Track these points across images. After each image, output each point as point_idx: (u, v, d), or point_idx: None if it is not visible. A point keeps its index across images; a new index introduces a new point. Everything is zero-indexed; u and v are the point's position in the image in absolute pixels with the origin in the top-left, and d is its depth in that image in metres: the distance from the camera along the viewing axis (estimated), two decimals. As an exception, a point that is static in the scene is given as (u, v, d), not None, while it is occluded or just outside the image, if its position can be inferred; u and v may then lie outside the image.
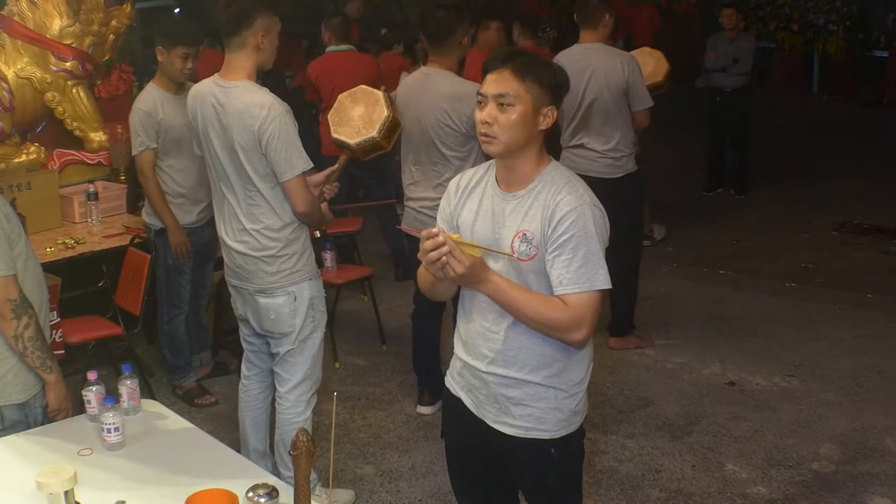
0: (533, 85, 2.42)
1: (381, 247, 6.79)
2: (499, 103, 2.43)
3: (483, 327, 2.59)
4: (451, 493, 4.06)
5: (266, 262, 3.55)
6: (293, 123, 3.44)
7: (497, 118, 2.43)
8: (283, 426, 3.76)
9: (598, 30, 4.96)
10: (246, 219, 3.54)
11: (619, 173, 5.01)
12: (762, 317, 5.93)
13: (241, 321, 3.83)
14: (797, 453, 4.36)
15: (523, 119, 2.43)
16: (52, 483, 2.33)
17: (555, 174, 2.50)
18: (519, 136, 2.44)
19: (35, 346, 2.92)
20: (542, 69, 2.46)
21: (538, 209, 2.46)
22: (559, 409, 2.58)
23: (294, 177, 3.42)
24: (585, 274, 2.41)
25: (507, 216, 2.50)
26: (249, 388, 3.92)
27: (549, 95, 2.46)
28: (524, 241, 2.47)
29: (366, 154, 3.95)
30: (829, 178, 9.02)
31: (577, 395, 2.61)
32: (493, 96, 2.43)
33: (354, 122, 3.87)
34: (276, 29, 3.47)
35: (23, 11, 5.45)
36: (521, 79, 2.42)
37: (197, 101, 3.56)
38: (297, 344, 3.66)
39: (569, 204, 2.43)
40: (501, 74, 2.43)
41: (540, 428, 2.58)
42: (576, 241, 2.41)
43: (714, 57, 8.36)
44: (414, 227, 4.45)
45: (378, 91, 3.96)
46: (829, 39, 12.49)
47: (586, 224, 2.42)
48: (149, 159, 4.55)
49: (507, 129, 2.43)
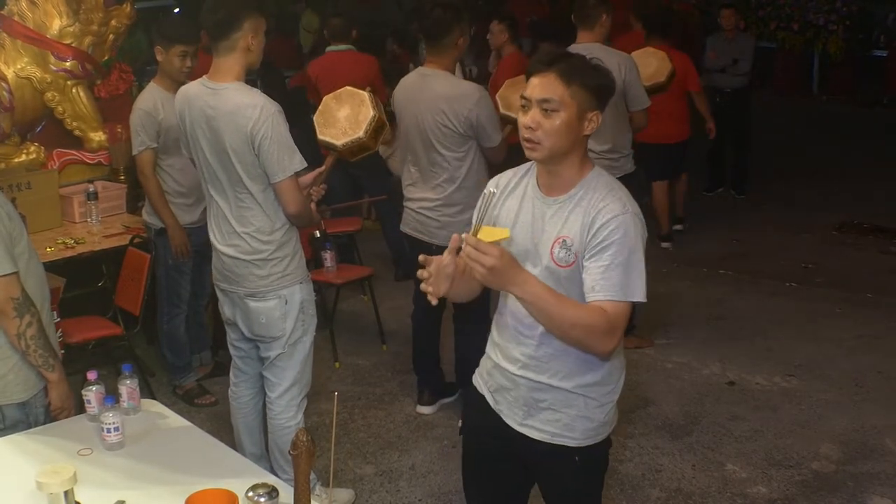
0: (579, 90, 2.35)
1: (381, 247, 6.79)
2: (543, 108, 2.36)
3: (517, 331, 2.55)
4: (451, 492, 4.08)
5: (257, 265, 3.53)
6: (285, 124, 3.41)
7: (541, 124, 2.37)
8: (276, 431, 3.74)
9: (595, 30, 4.95)
10: (236, 222, 3.52)
11: (616, 174, 4.95)
12: (762, 317, 5.93)
13: (228, 325, 3.79)
14: (797, 453, 4.36)
15: (568, 125, 2.36)
16: (52, 483, 2.33)
17: (597, 180, 2.45)
18: (563, 143, 2.38)
19: (37, 345, 2.92)
20: (588, 73, 2.39)
21: (579, 215, 2.41)
22: (588, 417, 2.55)
23: (286, 178, 3.40)
24: (623, 283, 2.35)
25: (547, 221, 2.45)
26: (239, 395, 3.89)
27: (595, 100, 2.39)
28: (563, 247, 2.41)
29: (353, 155, 3.95)
30: (829, 178, 9.02)
31: (608, 406, 2.58)
32: (538, 101, 2.37)
33: (340, 124, 3.87)
34: (262, 29, 3.46)
35: (23, 11, 5.45)
36: (567, 83, 2.35)
37: (185, 103, 3.53)
38: (286, 348, 3.63)
39: (611, 211, 2.37)
40: (546, 78, 2.36)
41: (567, 435, 2.55)
42: (615, 249, 2.35)
43: (714, 57, 8.36)
44: (413, 227, 4.46)
45: (363, 92, 3.97)
46: (829, 39, 12.48)
47: (627, 232, 2.36)
48: (149, 159, 4.55)
49: (552, 135, 2.37)
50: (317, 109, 4.07)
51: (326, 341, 5.26)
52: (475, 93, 4.24)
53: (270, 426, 3.78)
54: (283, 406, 3.71)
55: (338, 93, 3.98)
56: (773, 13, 12.74)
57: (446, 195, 4.28)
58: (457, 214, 4.28)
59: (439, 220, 4.32)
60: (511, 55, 6.92)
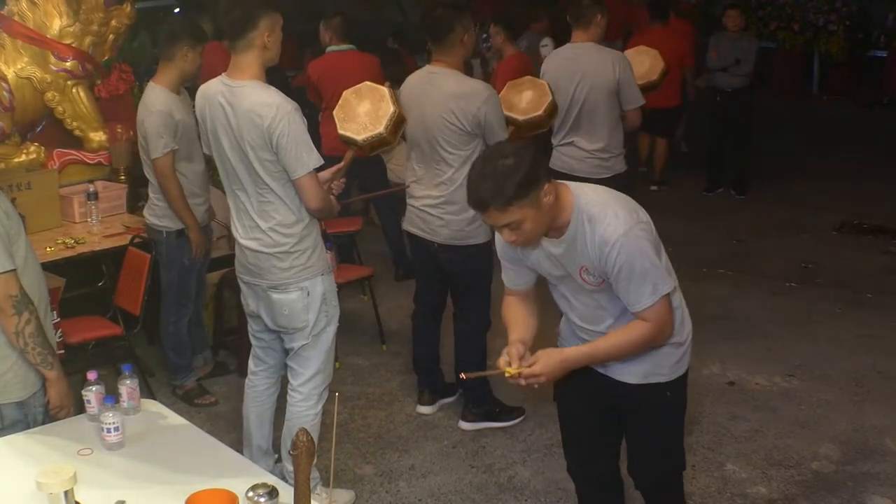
0: (519, 201, 2.58)
1: (381, 247, 6.79)
2: (510, 229, 2.65)
3: (585, 330, 2.92)
4: (451, 492, 4.09)
5: (279, 258, 3.57)
6: (302, 121, 3.46)
7: (517, 234, 2.67)
8: (294, 419, 3.77)
9: (589, 30, 4.95)
10: (258, 216, 3.56)
11: (606, 174, 4.94)
12: (762, 317, 5.93)
13: (251, 318, 3.84)
14: (797, 453, 4.36)
15: (535, 220, 2.63)
16: (52, 483, 2.33)
17: (579, 213, 2.69)
18: (541, 227, 2.69)
19: (36, 343, 2.93)
20: (512, 187, 2.56)
21: (585, 246, 2.70)
22: (670, 354, 2.88)
23: (306, 174, 3.44)
24: (648, 288, 2.67)
25: (561, 257, 2.77)
26: (256, 384, 3.93)
27: (535, 188, 2.59)
28: (588, 272, 2.74)
29: (372, 149, 3.98)
30: (829, 178, 9.01)
31: (686, 343, 2.93)
32: (502, 227, 2.67)
33: (361, 119, 3.88)
34: (279, 26, 3.49)
35: (23, 11, 5.45)
36: (506, 208, 2.58)
37: (205, 101, 3.57)
38: (311, 339, 3.68)
39: (606, 242, 2.65)
40: (491, 215, 2.64)
41: (658, 373, 2.88)
42: (628, 268, 2.64)
43: (716, 57, 8.36)
44: (416, 225, 4.46)
45: (383, 87, 3.98)
46: (829, 39, 12.48)
47: (628, 251, 2.64)
48: (171, 161, 4.52)
49: (530, 234, 2.68)
50: (317, 109, 4.08)
51: (326, 341, 5.26)
52: (484, 91, 4.25)
53: (289, 414, 3.80)
54: (306, 394, 3.75)
55: (357, 88, 3.98)
56: (773, 13, 12.74)
57: (449, 193, 4.28)
58: (459, 212, 4.27)
59: (442, 217, 4.32)
60: (511, 56, 6.92)
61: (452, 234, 4.34)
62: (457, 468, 4.29)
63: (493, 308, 4.66)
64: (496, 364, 2.79)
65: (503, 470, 4.26)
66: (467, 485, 4.16)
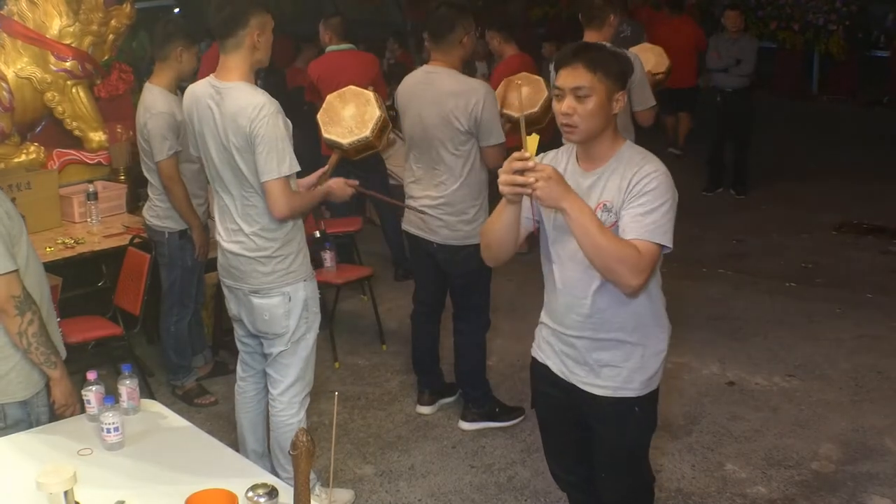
0: (604, 76, 2.62)
1: (381, 247, 6.79)
2: (576, 95, 2.62)
3: (572, 296, 2.77)
4: (451, 492, 4.09)
5: (261, 262, 3.54)
6: (285, 124, 3.40)
7: (576, 109, 2.62)
8: (278, 429, 3.75)
9: (602, 30, 4.92)
10: (241, 220, 3.53)
11: None
12: (762, 317, 5.93)
13: (235, 322, 3.82)
14: (797, 453, 4.36)
15: (600, 107, 2.63)
16: (52, 483, 2.33)
17: (630, 151, 2.72)
18: (597, 123, 2.65)
19: (39, 342, 2.93)
20: (609, 60, 2.66)
21: (616, 180, 2.66)
22: (644, 367, 2.82)
23: (273, 179, 3.37)
24: (653, 227, 2.60)
25: (587, 190, 2.69)
26: (245, 390, 3.91)
27: (619, 82, 2.66)
28: (605, 210, 2.67)
29: (357, 153, 3.99)
30: (829, 178, 9.02)
31: (660, 357, 2.86)
32: (571, 89, 2.62)
33: (346, 122, 3.88)
34: (270, 26, 3.46)
35: (23, 11, 5.45)
36: (594, 71, 2.61)
37: (193, 102, 3.54)
38: (289, 345, 3.64)
39: (647, 169, 2.64)
40: (575, 69, 2.62)
41: (627, 387, 2.82)
42: (649, 197, 2.61)
43: (717, 57, 8.37)
44: (415, 225, 4.45)
45: (368, 91, 3.98)
46: (829, 39, 12.49)
47: (661, 184, 2.63)
48: (176, 163, 4.51)
49: (587, 118, 2.63)
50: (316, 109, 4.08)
51: (326, 341, 5.26)
52: (481, 88, 4.24)
53: (272, 423, 3.79)
54: (286, 403, 3.72)
55: (341, 92, 3.98)
56: (773, 13, 12.75)
57: (448, 193, 4.28)
58: (458, 213, 4.27)
59: (441, 218, 4.32)
60: (512, 56, 6.92)
61: (451, 234, 4.33)
62: (457, 468, 4.29)
63: (492, 308, 4.67)
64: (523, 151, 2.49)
65: (503, 470, 4.26)
66: (467, 485, 4.16)
